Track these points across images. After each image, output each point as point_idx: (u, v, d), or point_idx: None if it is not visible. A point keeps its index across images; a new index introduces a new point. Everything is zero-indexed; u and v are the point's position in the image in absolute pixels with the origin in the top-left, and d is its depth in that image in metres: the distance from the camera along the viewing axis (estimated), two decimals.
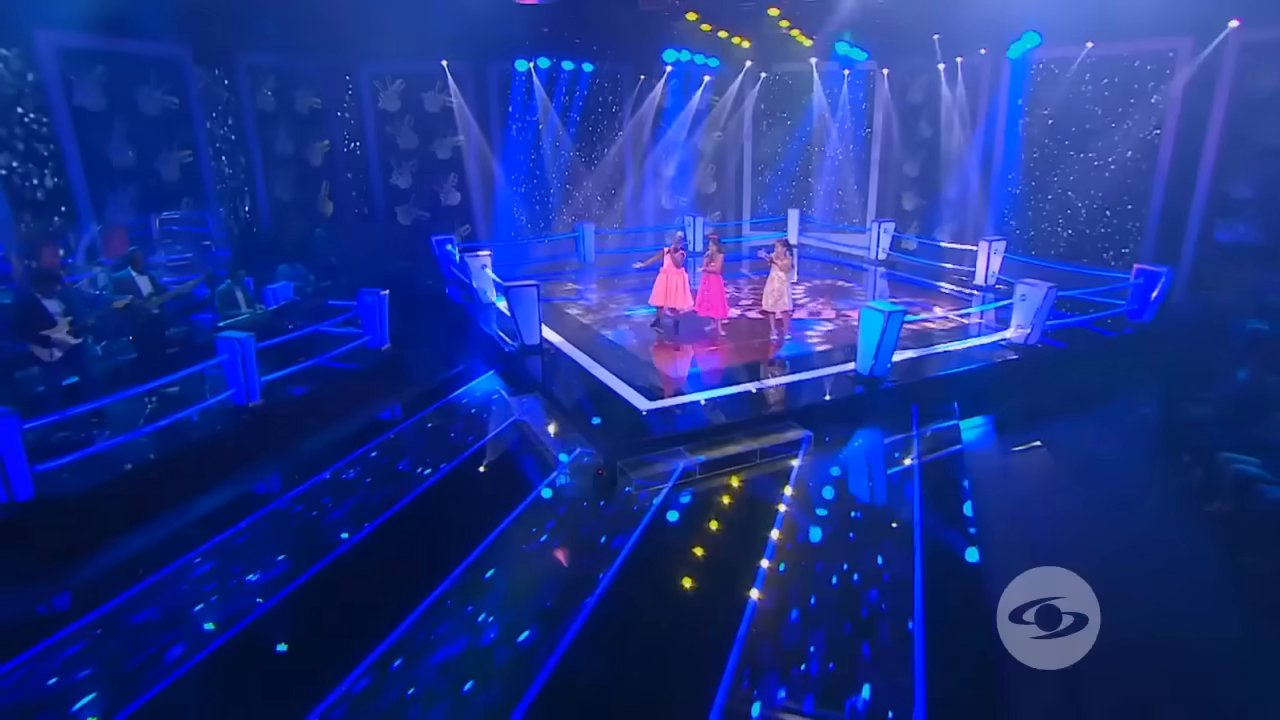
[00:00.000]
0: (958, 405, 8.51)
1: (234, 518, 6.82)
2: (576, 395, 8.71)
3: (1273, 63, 11.60)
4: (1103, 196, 13.84)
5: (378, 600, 5.50)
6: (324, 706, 4.46)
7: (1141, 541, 6.33)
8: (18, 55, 10.33)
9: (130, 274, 9.05)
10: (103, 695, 4.71)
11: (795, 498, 6.76)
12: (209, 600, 5.65)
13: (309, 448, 8.36)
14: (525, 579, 5.73)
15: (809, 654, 4.78)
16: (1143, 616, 4.91)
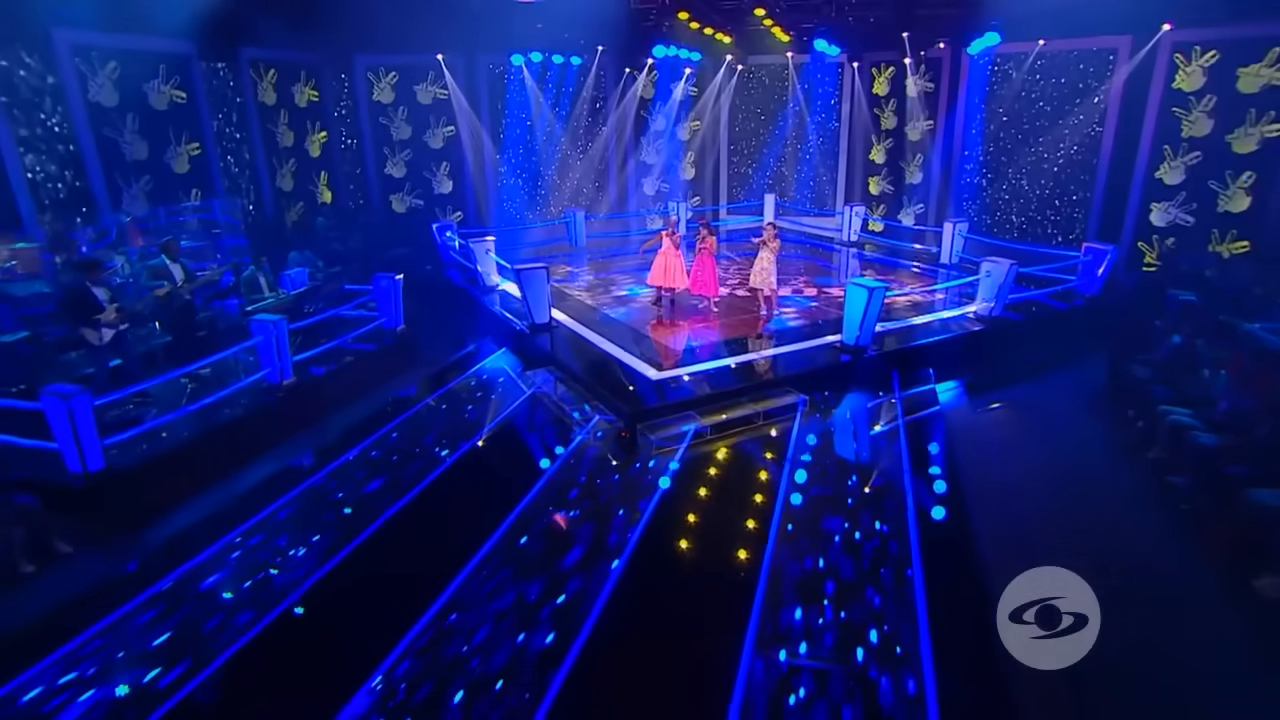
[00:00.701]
0: (933, 371, 9.24)
1: (284, 487, 7.18)
2: (590, 368, 9.22)
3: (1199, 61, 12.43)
4: (1053, 182, 14.60)
5: (432, 557, 5.90)
6: (391, 659, 4.77)
7: (1094, 484, 7.13)
8: (39, 56, 10.43)
9: (165, 262, 9.33)
10: (182, 656, 5.00)
11: (796, 453, 7.39)
12: (271, 565, 6.01)
13: (344, 421, 8.77)
14: (567, 530, 6.27)
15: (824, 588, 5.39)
16: (1092, 538, 5.88)
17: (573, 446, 7.66)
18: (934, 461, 7.22)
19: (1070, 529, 6.25)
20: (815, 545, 5.90)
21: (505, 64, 16.73)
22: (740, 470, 7.27)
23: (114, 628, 5.29)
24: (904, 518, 6.19)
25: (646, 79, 18.08)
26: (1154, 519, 6.53)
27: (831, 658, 4.69)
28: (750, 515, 6.34)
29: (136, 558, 6.38)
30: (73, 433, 6.77)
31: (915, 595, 5.21)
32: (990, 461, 7.35)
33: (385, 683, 4.61)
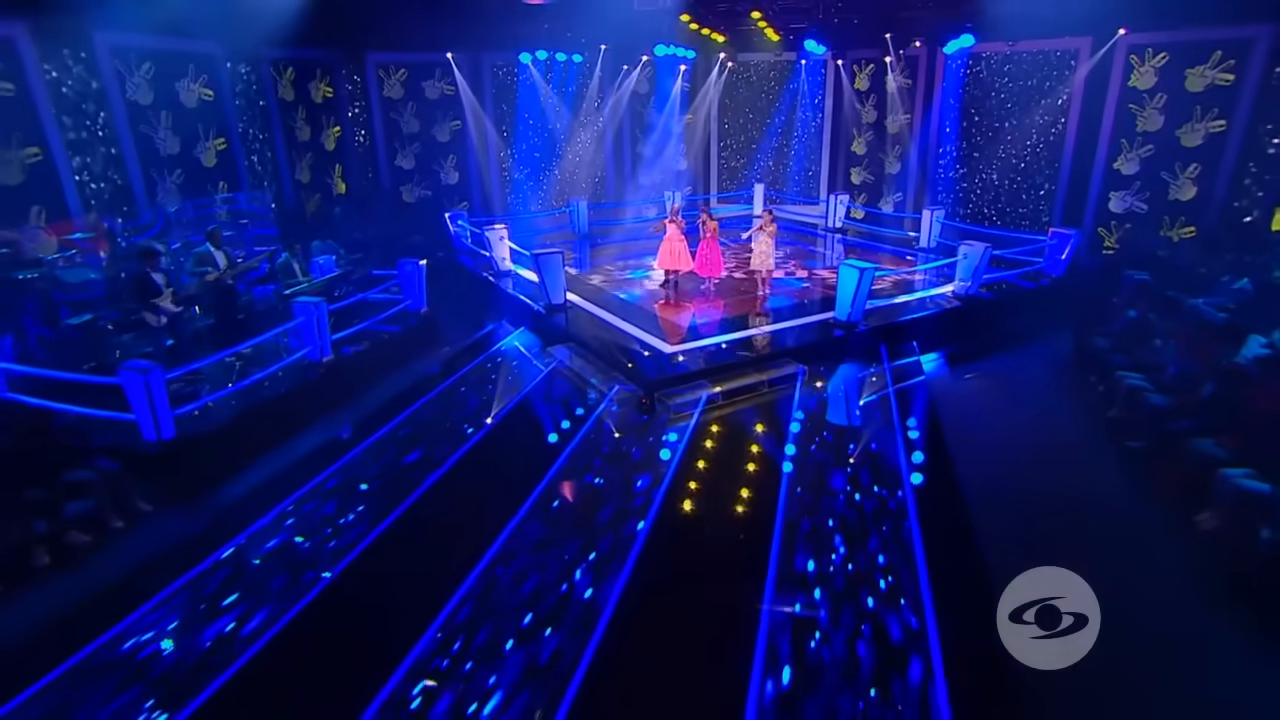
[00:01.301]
0: (917, 343, 9.91)
1: (336, 453, 7.65)
2: (606, 343, 9.77)
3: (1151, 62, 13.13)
4: (1022, 172, 15.24)
5: (478, 515, 6.34)
6: (450, 608, 5.13)
7: (1061, 440, 7.83)
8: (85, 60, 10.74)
9: (209, 249, 9.74)
10: (258, 608, 5.36)
11: (798, 417, 8.03)
12: (331, 525, 6.40)
13: (383, 394, 9.23)
14: (600, 486, 6.83)
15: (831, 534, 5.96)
16: (1061, 485, 6.67)
17: (597, 413, 8.23)
18: (920, 422, 7.88)
19: (1042, 477, 6.95)
20: (820, 496, 6.51)
21: (510, 61, 17.12)
22: (750, 431, 7.90)
23: (194, 582, 5.68)
24: (897, 471, 6.84)
25: (642, 76, 18.54)
26: (1113, 466, 7.24)
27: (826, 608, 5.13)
28: (761, 471, 6.97)
29: (210, 516, 6.81)
30: (149, 404, 7.24)
31: (912, 537, 5.80)
32: (970, 422, 8.00)
33: (445, 629, 4.97)
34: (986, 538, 5.81)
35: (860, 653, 4.67)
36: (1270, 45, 11.94)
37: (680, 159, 19.81)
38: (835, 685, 4.40)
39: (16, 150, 9.94)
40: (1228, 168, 12.64)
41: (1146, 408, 7.63)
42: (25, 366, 8.06)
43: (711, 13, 15.85)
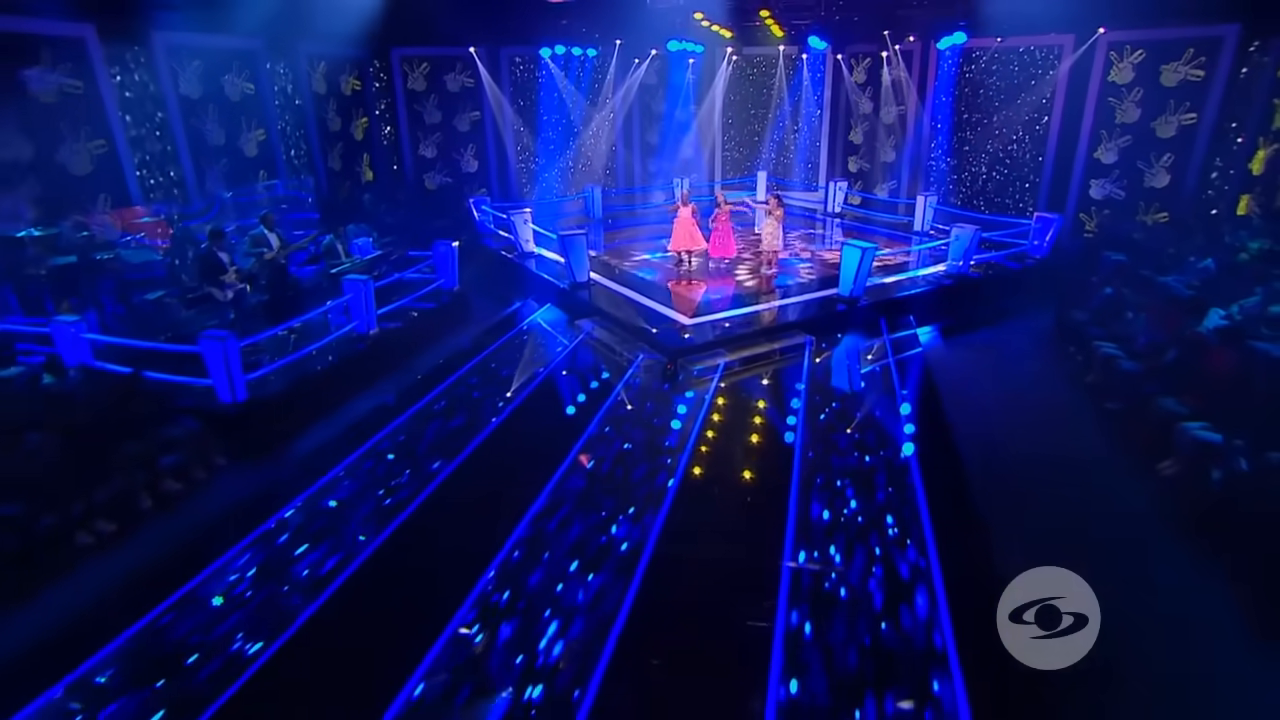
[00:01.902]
0: (913, 317, 10.54)
1: (390, 416, 8.17)
2: (630, 316, 10.35)
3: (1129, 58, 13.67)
4: (1009, 161, 15.78)
5: (523, 469, 6.81)
6: (502, 555, 5.49)
7: (1043, 401, 8.46)
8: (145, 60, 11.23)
9: (264, 231, 10.28)
10: (333, 552, 5.79)
11: (809, 382, 8.65)
12: (393, 477, 6.91)
13: (426, 364, 9.82)
14: (633, 444, 7.41)
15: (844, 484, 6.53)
16: (1043, 440, 7.39)
17: (625, 378, 8.84)
18: (918, 387, 8.51)
19: (1026, 434, 7.60)
20: (831, 452, 7.11)
21: (528, 55, 17.55)
22: (764, 394, 8.53)
23: (276, 529, 6.16)
24: (898, 429, 7.46)
25: (652, 69, 18.99)
26: (1090, 424, 7.87)
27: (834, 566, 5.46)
28: (776, 429, 7.58)
29: (286, 470, 7.37)
30: (225, 369, 7.83)
31: (915, 487, 6.37)
32: (963, 386, 8.61)
33: (500, 572, 5.37)
34: (980, 486, 6.42)
35: (872, 587, 5.17)
36: (1237, 43, 12.49)
37: (687, 148, 20.29)
38: (851, 617, 4.87)
39: (85, 142, 10.44)
40: (1198, 157, 13.24)
41: (1119, 373, 8.27)
42: (111, 337, 8.62)
43: (722, 9, 16.23)
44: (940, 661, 4.45)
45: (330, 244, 11.24)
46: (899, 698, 4.22)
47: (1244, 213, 12.53)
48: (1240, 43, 12.49)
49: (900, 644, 4.65)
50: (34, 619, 5.23)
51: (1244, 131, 12.56)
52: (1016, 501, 6.36)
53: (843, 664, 4.48)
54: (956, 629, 4.66)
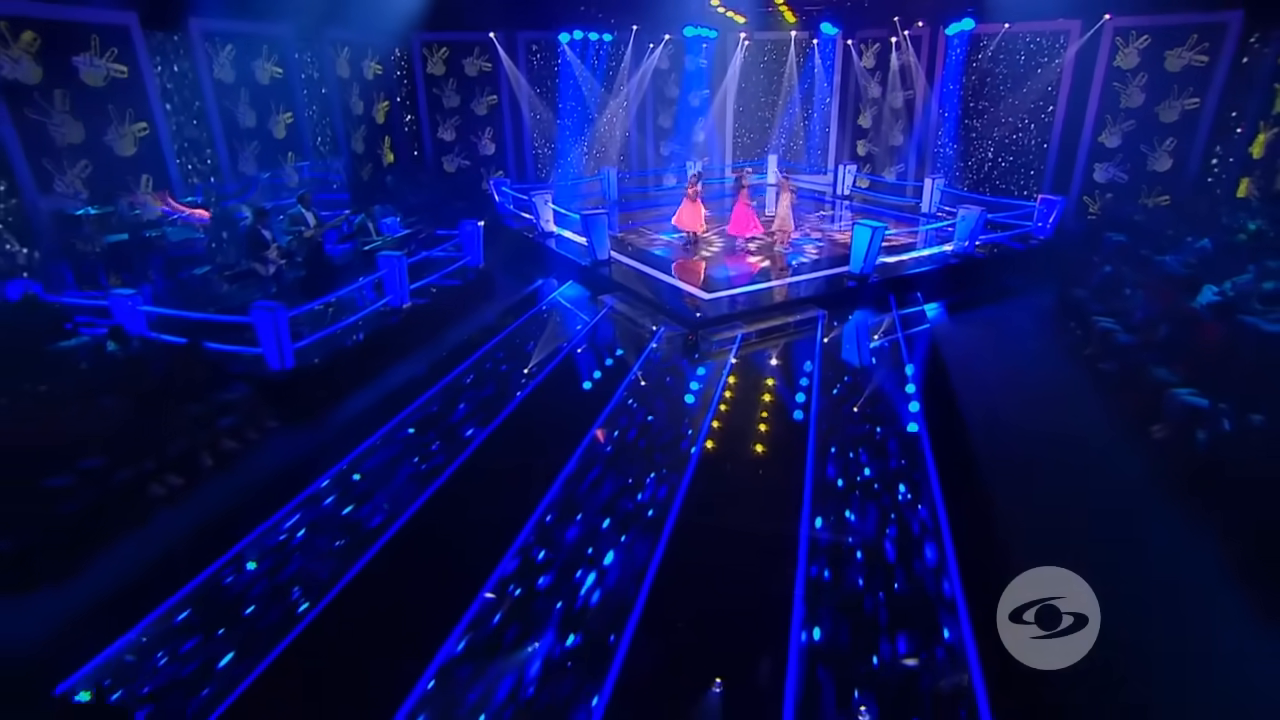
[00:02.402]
0: (920, 294, 11.02)
1: (428, 383, 8.72)
2: (650, 291, 10.85)
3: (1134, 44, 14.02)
4: (1015, 144, 16.17)
5: (557, 431, 7.32)
6: (539, 511, 5.93)
7: (1045, 373, 8.94)
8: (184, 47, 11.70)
9: (301, 210, 10.78)
10: (381, 506, 6.27)
11: (822, 353, 9.16)
12: (440, 435, 7.48)
13: (458, 335, 10.33)
14: (660, 405, 7.98)
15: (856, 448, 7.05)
16: (1044, 409, 7.83)
17: (648, 348, 9.37)
18: (926, 358, 9.01)
19: (1027, 403, 8.07)
20: (843, 418, 7.64)
21: (545, 39, 17.93)
22: (780, 364, 9.04)
23: (326, 488, 6.67)
24: (908, 399, 7.96)
25: (665, 53, 19.34)
26: (1088, 393, 8.37)
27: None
28: (792, 396, 8.10)
29: (331, 433, 7.87)
30: (275, 339, 8.36)
31: (923, 450, 6.87)
32: (968, 359, 9.09)
33: (539, 526, 5.84)
34: (984, 450, 6.93)
35: (886, 545, 5.64)
36: (1240, 30, 12.83)
37: (699, 131, 20.67)
38: (864, 566, 5.35)
39: (130, 125, 10.93)
40: (1200, 141, 13.60)
41: (1116, 345, 8.75)
42: (166, 309, 9.15)
43: None
44: (949, 607, 4.92)
45: (362, 223, 11.74)
46: (912, 642, 4.65)
47: (1243, 195, 12.91)
48: (1243, 29, 12.82)
49: (912, 593, 5.11)
50: (111, 565, 5.75)
51: (1245, 116, 12.92)
52: (1018, 462, 6.87)
53: (859, 613, 4.91)
54: (964, 580, 5.13)
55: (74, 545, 5.90)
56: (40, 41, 9.81)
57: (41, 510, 6.00)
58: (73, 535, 6.00)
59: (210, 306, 9.71)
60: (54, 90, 10.02)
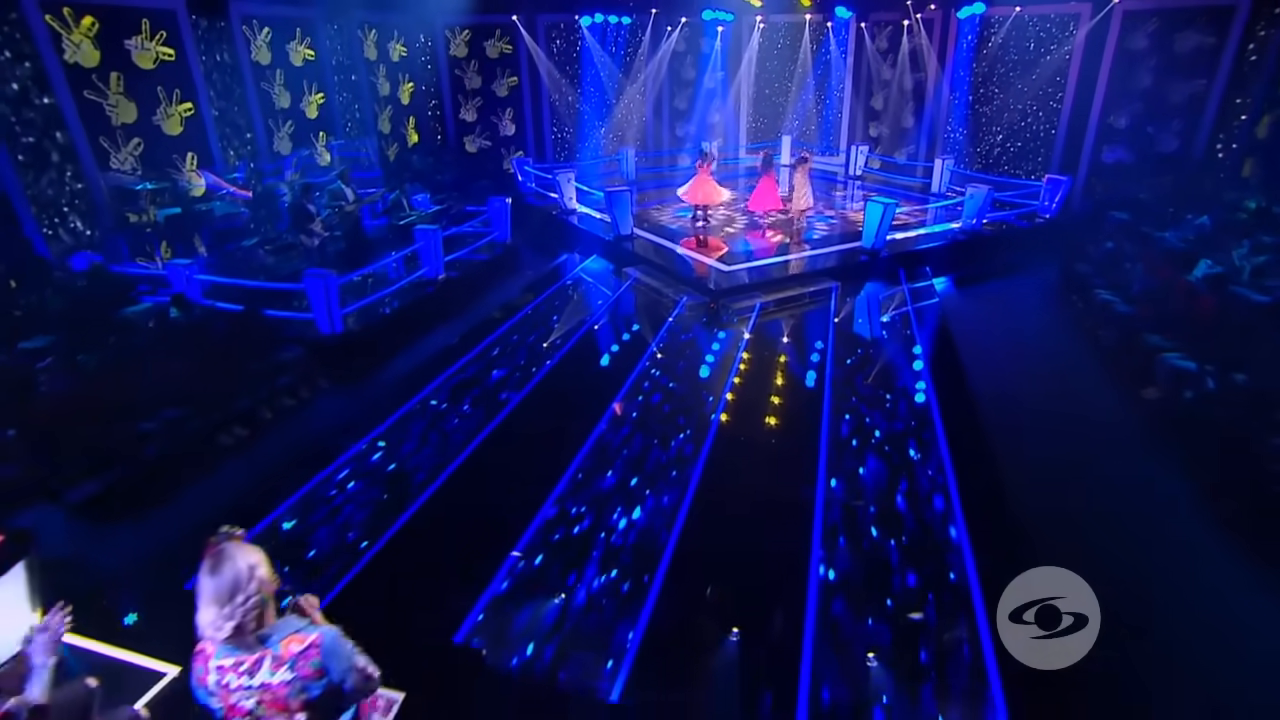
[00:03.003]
0: (929, 268, 11.58)
1: (468, 346, 9.33)
2: (672, 264, 11.47)
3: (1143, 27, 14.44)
4: (1024, 126, 16.63)
5: (590, 392, 7.93)
6: (578, 461, 6.49)
7: (1047, 342, 9.52)
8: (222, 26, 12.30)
9: (341, 186, 11.42)
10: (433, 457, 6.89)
11: (837, 322, 9.77)
12: (484, 392, 8.12)
13: (491, 305, 10.97)
14: (684, 368, 8.61)
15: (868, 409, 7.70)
16: (1045, 374, 8.49)
17: (673, 316, 10.00)
18: (934, 329, 9.59)
19: (1030, 370, 8.65)
20: (855, 381, 8.23)
21: (565, 22, 18.42)
22: (796, 331, 9.66)
23: (380, 437, 7.21)
24: (915, 364, 8.56)
25: (682, 36, 19.80)
26: (1087, 359, 8.92)
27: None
28: (808, 362, 8.70)
29: (380, 391, 8.51)
30: (326, 304, 9.03)
31: (932, 414, 7.40)
32: (973, 328, 9.65)
33: (575, 478, 6.36)
34: (989, 412, 7.48)
35: (898, 500, 6.18)
36: (1248, 14, 13.21)
37: (715, 113, 21.15)
38: (874, 513, 5.91)
39: (176, 105, 11.55)
40: (1207, 123, 14.02)
41: (1115, 315, 9.32)
42: (219, 277, 9.83)
43: None
44: (956, 551, 5.47)
45: (396, 199, 12.40)
46: (920, 578, 5.20)
47: (1247, 175, 13.36)
48: (1251, 13, 13.20)
49: (921, 535, 5.69)
50: (185, 509, 6.38)
51: (1251, 98, 13.32)
52: (1021, 422, 7.44)
53: (872, 554, 5.48)
54: (969, 523, 5.69)
55: (154, 483, 6.57)
56: (98, 26, 10.42)
57: (129, 452, 6.72)
58: (154, 475, 6.71)
59: (259, 276, 10.40)
60: (110, 72, 10.64)
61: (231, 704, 2.20)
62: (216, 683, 2.20)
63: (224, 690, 2.20)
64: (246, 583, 2.16)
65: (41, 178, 9.84)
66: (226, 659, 2.20)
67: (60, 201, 10.05)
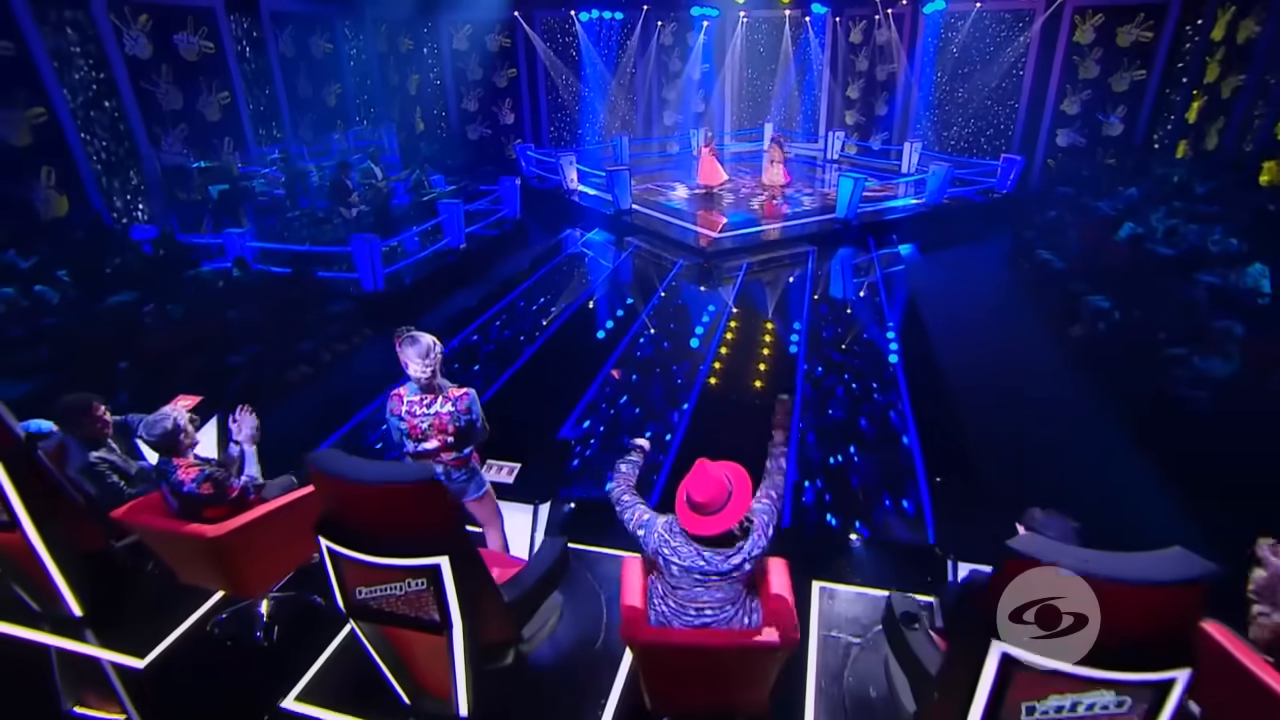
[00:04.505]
0: (895, 236, 13.31)
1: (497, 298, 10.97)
2: (669, 233, 13.11)
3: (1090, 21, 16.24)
4: (987, 111, 18.45)
5: (601, 339, 9.62)
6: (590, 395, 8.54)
7: (998, 297, 11.19)
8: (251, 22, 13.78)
9: (371, 165, 12.92)
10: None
11: (814, 280, 11.42)
12: (517, 330, 9.79)
13: (509, 270, 12.48)
14: (684, 316, 10.23)
15: (840, 356, 9.39)
16: (994, 325, 10.07)
17: (670, 275, 11.64)
18: (900, 290, 11.26)
19: (983, 321, 10.29)
20: (829, 331, 9.85)
21: (560, 17, 20.00)
22: (778, 288, 11.31)
23: None
24: (883, 318, 10.16)
25: (671, 30, 21.45)
26: (1029, 310, 10.60)
27: None
28: (788, 314, 10.33)
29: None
30: (370, 264, 10.54)
31: (896, 372, 9.03)
32: (935, 290, 11.22)
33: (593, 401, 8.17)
34: (942, 349, 9.10)
35: (861, 422, 7.83)
36: (1179, 11, 15.05)
37: (701, 102, 22.82)
38: (842, 437, 7.42)
39: (215, 94, 13.01)
40: (1147, 109, 15.89)
41: (1051, 271, 11.06)
42: (271, 243, 11.30)
43: None
44: (907, 455, 7.00)
45: (419, 178, 13.91)
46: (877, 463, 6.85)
47: (1181, 156, 15.21)
48: (1182, 8, 15.03)
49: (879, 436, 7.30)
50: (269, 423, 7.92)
51: (1184, 86, 15.17)
52: (967, 356, 9.05)
53: (835, 443, 7.14)
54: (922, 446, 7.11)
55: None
56: (151, 21, 11.87)
57: (218, 383, 8.23)
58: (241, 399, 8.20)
59: (301, 244, 11.88)
60: (161, 64, 12.09)
61: (414, 424, 3.77)
62: (406, 410, 3.76)
63: (411, 416, 3.76)
64: (433, 348, 3.72)
65: (106, 158, 11.29)
66: (415, 396, 3.77)
67: (121, 179, 11.50)
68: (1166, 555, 2.14)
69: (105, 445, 4.16)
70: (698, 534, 2.86)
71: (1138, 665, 2.22)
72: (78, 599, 4.02)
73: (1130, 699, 2.28)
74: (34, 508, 3.68)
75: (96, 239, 10.61)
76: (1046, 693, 2.36)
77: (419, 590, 2.88)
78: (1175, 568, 2.11)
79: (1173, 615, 2.18)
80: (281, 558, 3.97)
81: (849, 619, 4.03)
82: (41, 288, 9.08)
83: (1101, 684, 2.27)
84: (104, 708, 3.88)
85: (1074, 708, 2.36)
